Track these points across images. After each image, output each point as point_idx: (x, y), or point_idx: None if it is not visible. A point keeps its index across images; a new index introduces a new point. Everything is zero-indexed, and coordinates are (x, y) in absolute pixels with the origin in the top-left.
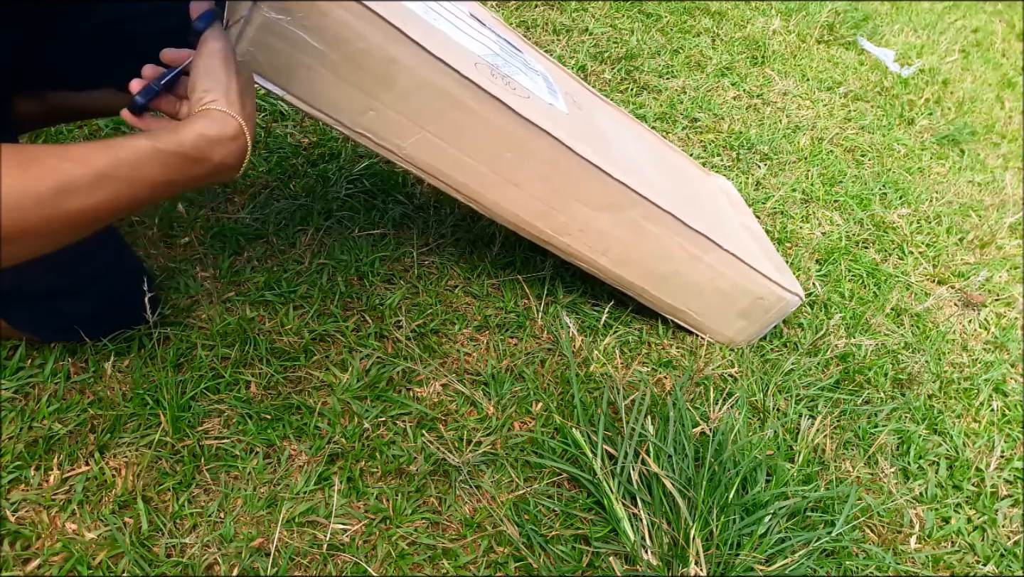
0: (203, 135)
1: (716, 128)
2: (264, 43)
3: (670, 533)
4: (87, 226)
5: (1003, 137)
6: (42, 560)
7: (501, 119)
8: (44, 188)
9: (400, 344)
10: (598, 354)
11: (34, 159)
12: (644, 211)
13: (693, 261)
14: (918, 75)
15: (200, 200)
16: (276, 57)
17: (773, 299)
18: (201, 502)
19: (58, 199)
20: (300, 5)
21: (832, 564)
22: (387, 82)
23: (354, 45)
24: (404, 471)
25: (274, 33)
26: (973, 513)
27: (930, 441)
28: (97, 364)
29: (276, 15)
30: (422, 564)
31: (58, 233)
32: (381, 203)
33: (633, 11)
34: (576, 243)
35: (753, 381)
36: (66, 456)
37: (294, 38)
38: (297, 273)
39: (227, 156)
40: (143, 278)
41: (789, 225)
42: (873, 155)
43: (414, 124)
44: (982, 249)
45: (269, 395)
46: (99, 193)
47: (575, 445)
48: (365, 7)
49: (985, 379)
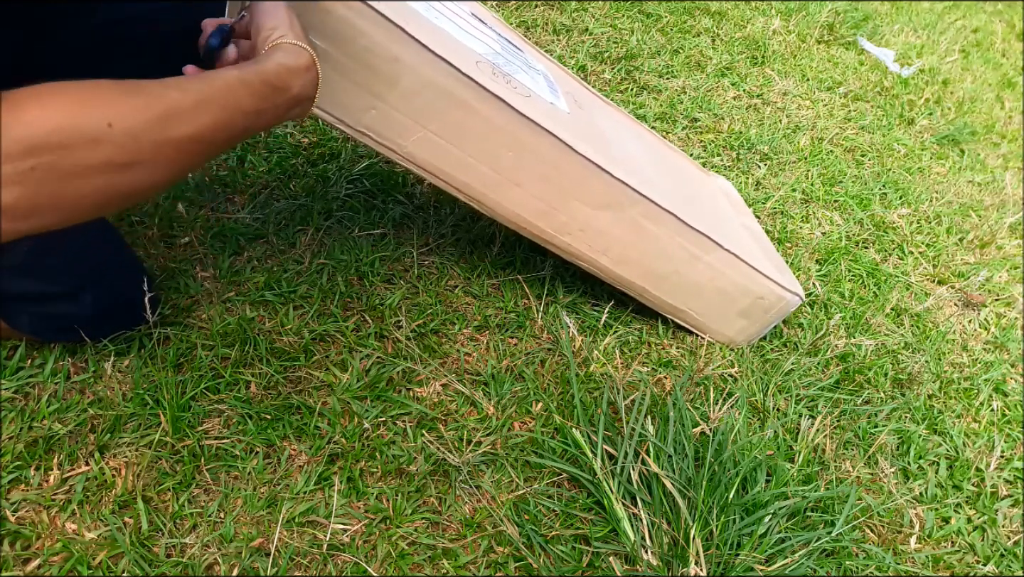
0: (282, 64)
1: (716, 128)
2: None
3: (670, 533)
4: (193, 156)
5: (1003, 137)
6: (42, 560)
7: (503, 118)
8: (152, 115)
9: (400, 344)
10: (598, 354)
11: (138, 89)
12: (644, 210)
13: (693, 261)
14: (918, 75)
15: (200, 200)
16: None
17: (773, 299)
18: (201, 502)
19: (166, 125)
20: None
21: (832, 564)
22: (390, 81)
23: (357, 43)
24: (404, 471)
25: None
26: (973, 513)
27: (930, 441)
28: (97, 364)
29: None
30: (422, 564)
31: (171, 162)
32: (381, 203)
33: (633, 11)
34: (576, 242)
35: (753, 381)
36: (66, 456)
37: None
38: (297, 273)
39: (303, 87)
40: (143, 278)
41: (789, 225)
42: (873, 155)
43: (416, 123)
44: (982, 249)
45: (269, 395)
46: (201, 119)
47: (575, 445)
48: (368, 5)
49: (985, 379)
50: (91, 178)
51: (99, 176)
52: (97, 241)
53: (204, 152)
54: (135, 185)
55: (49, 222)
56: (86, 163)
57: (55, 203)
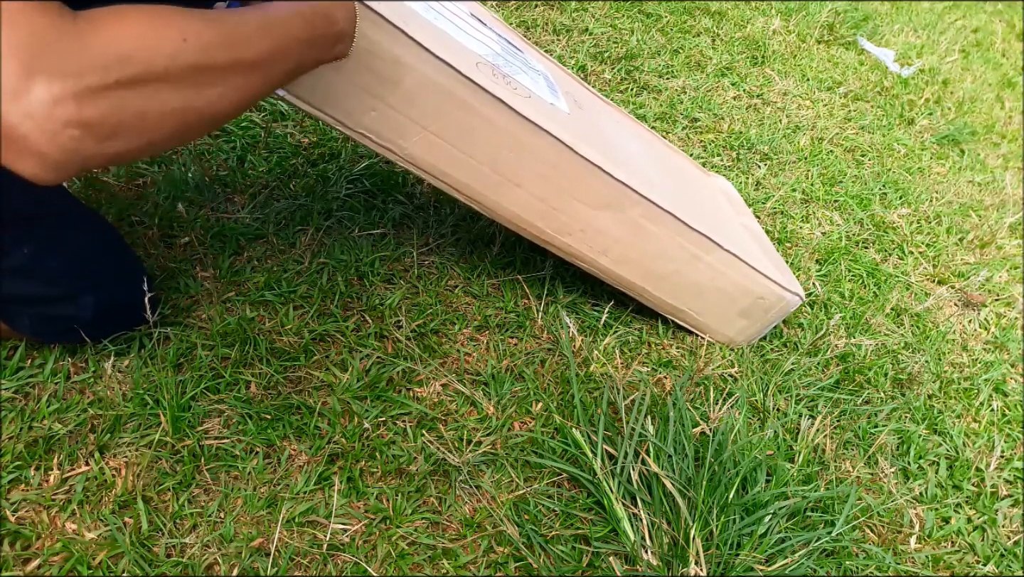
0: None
1: (716, 128)
2: None
3: (670, 533)
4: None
5: (1003, 137)
6: (42, 560)
7: (503, 119)
8: (222, 34)
9: (400, 344)
10: (598, 354)
11: (204, 13)
12: (644, 211)
13: (693, 261)
14: (918, 75)
15: (200, 200)
16: None
17: (774, 299)
18: (201, 502)
19: (234, 46)
20: None
21: (832, 564)
22: (391, 83)
23: (357, 45)
24: (404, 471)
25: None
26: (973, 513)
27: (930, 441)
28: (97, 364)
29: None
30: (422, 564)
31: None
32: (381, 203)
33: (633, 11)
34: (576, 243)
35: (753, 381)
36: (66, 456)
37: None
38: (297, 273)
39: (346, 20)
40: (143, 278)
41: (789, 225)
42: (873, 155)
43: (416, 124)
44: (982, 249)
45: (269, 395)
46: (263, 43)
47: (575, 445)
48: (367, 7)
49: (985, 379)
50: (170, 95)
51: (177, 93)
52: (97, 243)
53: (265, 80)
54: (210, 107)
55: (133, 145)
56: (166, 78)
57: (138, 122)
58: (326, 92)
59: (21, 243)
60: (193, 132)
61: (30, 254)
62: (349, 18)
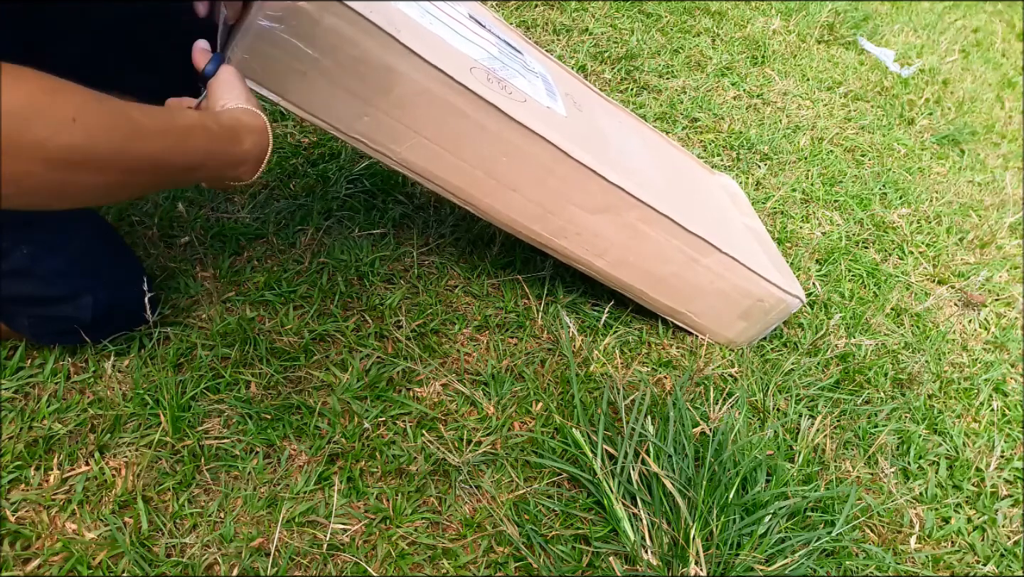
0: (239, 119)
1: (716, 128)
2: (259, 51)
3: (670, 533)
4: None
5: (1003, 137)
6: (42, 560)
7: (496, 124)
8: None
9: (400, 344)
10: (598, 354)
11: (107, 99)
12: (641, 214)
13: (691, 264)
14: (918, 75)
15: (200, 200)
16: (271, 64)
17: (773, 301)
18: (201, 502)
19: (125, 137)
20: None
21: (832, 564)
22: (382, 89)
23: (347, 52)
24: (404, 471)
25: (269, 41)
26: (973, 513)
27: (930, 441)
28: (97, 364)
29: (270, 24)
30: (422, 564)
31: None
32: (381, 203)
33: (633, 11)
34: (573, 246)
35: (753, 381)
36: (66, 456)
37: (288, 46)
38: (297, 273)
39: (255, 145)
40: (143, 279)
41: (789, 225)
42: (873, 155)
43: (409, 129)
44: (982, 249)
45: (269, 395)
46: (157, 143)
47: (575, 445)
48: (358, 14)
49: (985, 379)
50: (44, 164)
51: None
52: (97, 244)
53: (152, 176)
54: (84, 189)
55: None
56: (43, 147)
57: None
58: (318, 98)
59: (20, 244)
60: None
61: (29, 255)
62: (259, 144)
